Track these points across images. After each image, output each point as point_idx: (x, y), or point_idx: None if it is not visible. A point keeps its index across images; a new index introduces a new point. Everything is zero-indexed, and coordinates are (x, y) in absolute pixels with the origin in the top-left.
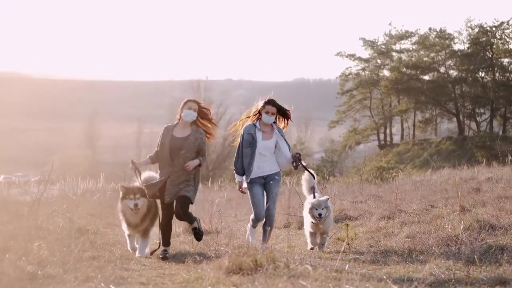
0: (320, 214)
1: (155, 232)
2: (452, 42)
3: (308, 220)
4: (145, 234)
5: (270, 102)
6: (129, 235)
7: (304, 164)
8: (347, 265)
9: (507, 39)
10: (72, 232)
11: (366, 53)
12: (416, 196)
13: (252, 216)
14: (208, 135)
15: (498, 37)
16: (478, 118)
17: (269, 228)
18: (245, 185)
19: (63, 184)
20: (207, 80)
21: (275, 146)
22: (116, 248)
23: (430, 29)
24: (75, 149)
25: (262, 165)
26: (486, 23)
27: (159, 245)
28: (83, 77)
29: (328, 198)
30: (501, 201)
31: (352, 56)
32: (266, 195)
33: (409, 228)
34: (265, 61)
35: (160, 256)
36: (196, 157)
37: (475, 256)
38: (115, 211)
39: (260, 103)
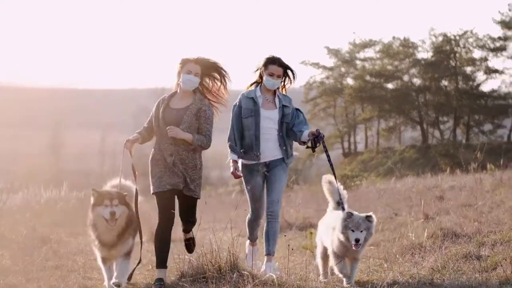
0: (357, 240)
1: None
2: (415, 51)
3: (333, 238)
4: (126, 256)
5: (275, 61)
6: (103, 260)
7: (325, 147)
8: (311, 273)
9: (471, 48)
10: (35, 241)
11: (330, 62)
12: (380, 204)
13: (248, 216)
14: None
15: (462, 45)
16: (441, 126)
17: (272, 234)
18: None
19: (26, 193)
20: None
21: (282, 122)
22: (79, 257)
23: (393, 37)
24: (38, 158)
25: (263, 147)
26: (450, 32)
27: (138, 263)
28: (47, 85)
29: (371, 216)
30: (464, 209)
31: (316, 65)
32: (267, 187)
33: (373, 236)
34: (232, 68)
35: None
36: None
37: (439, 264)
38: (80, 221)
39: (261, 63)
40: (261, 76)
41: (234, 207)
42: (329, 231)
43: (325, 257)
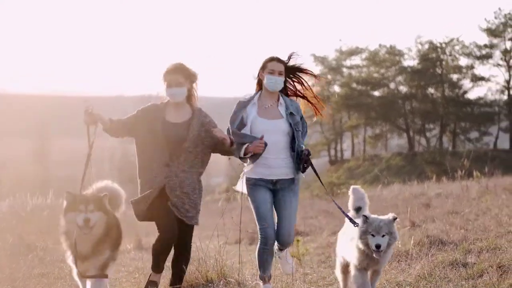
0: (378, 246)
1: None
2: (402, 58)
3: (352, 249)
4: (101, 270)
5: (274, 58)
6: (80, 275)
7: (314, 168)
8: (297, 281)
9: (457, 56)
10: (21, 249)
11: (317, 69)
12: (367, 211)
13: (258, 245)
14: None
15: (448, 53)
16: (428, 134)
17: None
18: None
19: (13, 200)
20: (158, 95)
21: (292, 131)
22: (66, 265)
23: (380, 45)
24: (25, 165)
25: (271, 163)
26: (436, 40)
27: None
28: (33, 91)
29: (395, 218)
30: (450, 217)
31: None
32: (276, 210)
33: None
34: (218, 76)
35: None
36: (204, 153)
37: (425, 272)
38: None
39: (259, 68)
40: (260, 83)
41: (221, 215)
42: (348, 242)
43: (345, 270)
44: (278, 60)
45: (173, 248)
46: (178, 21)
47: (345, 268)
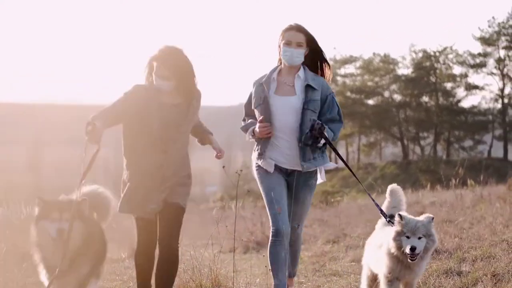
0: (414, 249)
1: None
2: (396, 67)
3: (382, 256)
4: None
5: (293, 27)
6: None
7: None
8: None
9: (451, 64)
10: (16, 258)
11: None
12: (361, 220)
13: (271, 229)
14: None
15: (442, 62)
16: (422, 142)
17: (293, 252)
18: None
19: (6, 209)
20: None
21: (304, 110)
22: None
23: (374, 53)
24: (19, 173)
25: (284, 148)
26: (430, 48)
27: None
28: (25, 100)
29: (432, 218)
30: (445, 225)
31: None
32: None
33: (354, 252)
34: (209, 85)
35: None
36: (204, 136)
37: (420, 280)
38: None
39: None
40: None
41: (216, 223)
42: (377, 251)
43: (372, 284)
44: (298, 29)
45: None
46: (173, 28)
47: (372, 281)
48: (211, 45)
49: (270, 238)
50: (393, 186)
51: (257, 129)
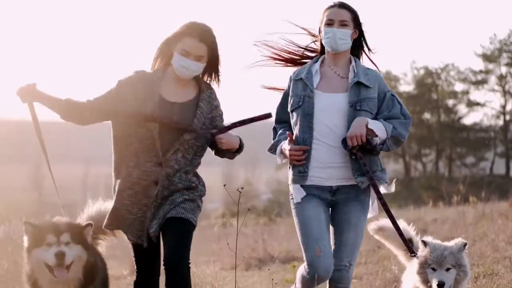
0: (441, 285)
1: None
2: (397, 84)
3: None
4: None
5: (335, 4)
6: None
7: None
8: None
9: (452, 81)
10: (17, 275)
11: None
12: (363, 237)
13: (302, 268)
14: None
15: (443, 78)
16: (424, 159)
17: None
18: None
19: (8, 226)
20: None
21: (355, 111)
22: None
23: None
24: (20, 191)
25: (327, 160)
26: (431, 65)
27: None
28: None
29: (465, 245)
30: (447, 242)
31: None
32: (335, 229)
33: (356, 269)
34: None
35: None
36: (203, 149)
37: None
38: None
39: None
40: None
41: (217, 240)
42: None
43: None
44: (341, 4)
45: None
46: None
47: None
48: None
49: (305, 274)
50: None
51: (286, 151)
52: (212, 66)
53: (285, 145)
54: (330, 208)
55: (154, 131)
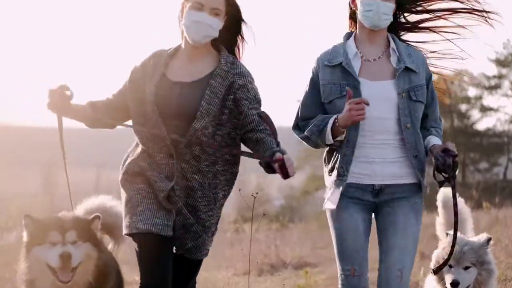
0: (455, 284)
1: None
2: None
3: None
4: None
5: None
6: None
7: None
8: None
9: (465, 86)
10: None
11: None
12: (375, 242)
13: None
14: None
15: (456, 83)
16: None
17: None
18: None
19: (20, 232)
20: None
21: (410, 101)
22: None
23: None
24: (33, 196)
25: (373, 156)
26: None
27: None
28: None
29: (489, 240)
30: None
31: None
32: (380, 238)
33: (369, 274)
34: None
35: None
36: (234, 140)
37: None
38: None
39: None
40: (354, 18)
41: (230, 245)
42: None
43: None
44: None
45: None
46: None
47: None
48: None
49: None
50: (446, 194)
51: (344, 113)
52: (232, 26)
53: (343, 112)
54: (372, 213)
55: (154, 116)
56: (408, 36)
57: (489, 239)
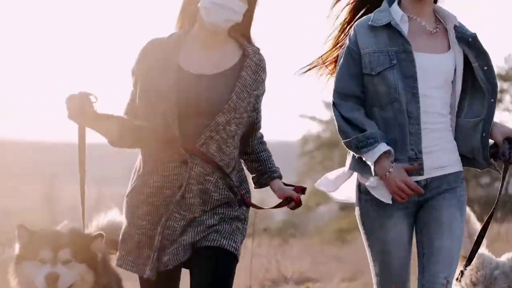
0: None
1: None
2: None
3: None
4: None
5: None
6: None
7: None
8: None
9: None
10: None
11: (327, 115)
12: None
13: None
14: None
15: None
16: None
17: None
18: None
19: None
20: None
21: (466, 80)
22: None
23: None
24: (33, 211)
25: (426, 144)
26: None
27: None
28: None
29: None
30: (463, 262)
31: (313, 118)
32: (425, 238)
33: None
34: None
35: None
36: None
37: None
38: None
39: None
40: None
41: None
42: None
43: None
44: None
45: None
46: None
47: None
48: None
49: None
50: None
51: (391, 181)
52: (251, 9)
53: (390, 167)
54: (420, 207)
55: (169, 116)
56: None
57: None
